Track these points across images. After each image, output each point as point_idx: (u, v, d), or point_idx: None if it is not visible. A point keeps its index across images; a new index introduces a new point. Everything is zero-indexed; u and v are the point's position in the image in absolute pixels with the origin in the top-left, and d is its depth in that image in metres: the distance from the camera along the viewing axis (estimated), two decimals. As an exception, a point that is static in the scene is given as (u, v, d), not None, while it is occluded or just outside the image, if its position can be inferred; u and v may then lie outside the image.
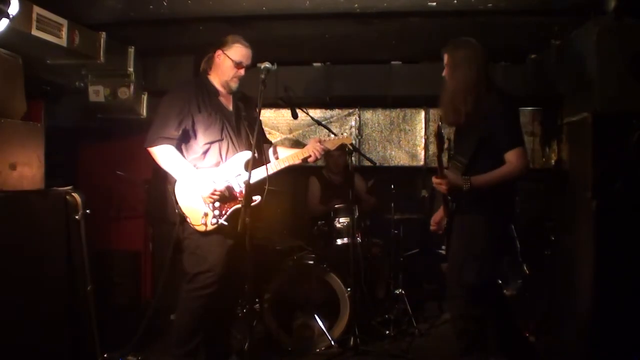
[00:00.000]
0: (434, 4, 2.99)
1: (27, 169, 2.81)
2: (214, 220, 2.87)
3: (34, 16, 2.80)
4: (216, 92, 3.00)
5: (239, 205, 2.84)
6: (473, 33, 3.49)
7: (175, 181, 2.90)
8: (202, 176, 2.86)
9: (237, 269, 2.99)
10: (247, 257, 2.67)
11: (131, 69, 3.85)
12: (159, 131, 2.87)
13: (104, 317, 3.16)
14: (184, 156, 2.91)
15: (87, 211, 3.04)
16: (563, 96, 3.47)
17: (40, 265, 2.78)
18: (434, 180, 2.73)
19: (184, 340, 2.92)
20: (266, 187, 2.69)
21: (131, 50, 3.85)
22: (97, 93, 3.83)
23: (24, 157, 2.80)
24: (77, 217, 3.00)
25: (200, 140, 2.91)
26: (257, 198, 2.85)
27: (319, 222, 4.04)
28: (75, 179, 3.62)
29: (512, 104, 2.84)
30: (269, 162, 3.00)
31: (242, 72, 2.97)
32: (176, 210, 2.90)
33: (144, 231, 4.01)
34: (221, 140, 2.94)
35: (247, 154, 2.92)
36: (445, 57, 2.86)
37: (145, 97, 4.10)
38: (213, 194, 2.83)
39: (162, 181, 3.04)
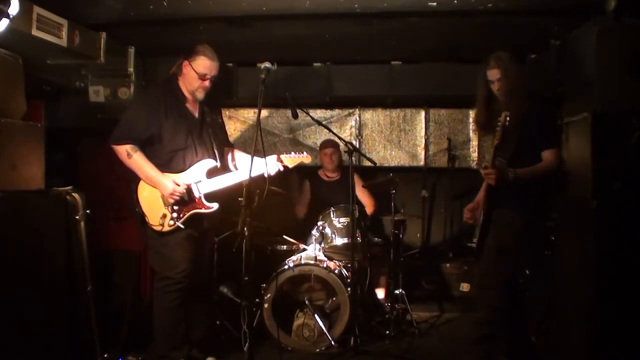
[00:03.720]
0: (434, 4, 2.98)
1: (27, 169, 2.81)
2: (172, 222, 3.00)
3: (34, 16, 2.80)
4: (184, 99, 3.11)
5: (196, 210, 3.06)
6: (473, 33, 3.51)
7: (139, 180, 3.03)
8: (164, 177, 3.00)
9: (199, 267, 3.17)
10: (242, 256, 2.73)
11: (131, 69, 3.84)
12: (126, 131, 2.99)
13: (104, 317, 3.16)
14: (149, 160, 3.01)
15: (87, 211, 3.06)
16: (563, 96, 3.47)
17: (40, 266, 2.78)
18: (484, 171, 2.97)
19: (168, 337, 3.04)
20: (266, 188, 2.70)
21: (131, 50, 3.84)
22: (97, 93, 3.82)
23: (24, 157, 2.80)
24: (77, 217, 3.01)
25: (166, 147, 3.03)
26: (214, 205, 3.07)
27: (319, 223, 4.05)
28: (75, 179, 3.61)
29: (550, 108, 3.12)
30: (228, 168, 3.21)
31: (207, 83, 3.07)
32: (137, 209, 3.04)
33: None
34: (186, 148, 3.06)
35: (209, 162, 3.11)
36: (497, 73, 3.05)
37: (145, 98, 4.09)
38: (173, 193, 2.96)
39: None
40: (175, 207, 3.01)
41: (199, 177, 3.07)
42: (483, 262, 3.11)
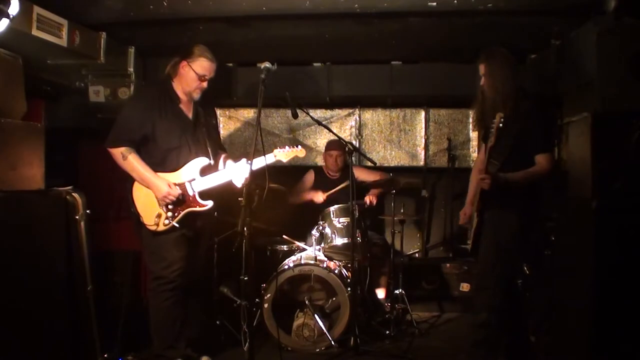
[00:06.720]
0: (434, 4, 2.98)
1: (27, 169, 2.81)
2: (167, 222, 3.04)
3: (34, 16, 2.80)
4: (177, 100, 3.13)
5: (191, 209, 3.10)
6: (473, 33, 3.51)
7: (133, 181, 3.07)
8: (158, 178, 3.03)
9: (194, 266, 3.19)
10: (242, 256, 2.83)
11: (131, 69, 3.85)
12: (121, 134, 3.02)
13: (104, 317, 3.17)
14: (143, 159, 3.04)
15: (87, 211, 3.06)
16: (563, 96, 3.47)
17: (40, 266, 2.78)
18: (480, 176, 2.94)
19: (163, 336, 3.09)
20: (266, 187, 2.70)
21: (131, 50, 3.85)
22: (97, 93, 3.83)
23: (24, 157, 2.80)
24: (77, 217, 3.01)
25: (160, 147, 3.06)
26: (209, 203, 3.10)
27: (319, 222, 4.05)
28: (75, 179, 3.61)
29: (546, 110, 3.10)
30: (218, 169, 3.20)
31: (205, 84, 3.12)
32: (132, 209, 3.09)
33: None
34: (180, 147, 3.09)
35: (202, 160, 3.13)
36: (482, 68, 3.05)
37: (145, 98, 4.08)
38: (167, 196, 2.99)
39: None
40: (170, 207, 3.05)
41: (193, 175, 3.10)
42: (480, 263, 3.12)
